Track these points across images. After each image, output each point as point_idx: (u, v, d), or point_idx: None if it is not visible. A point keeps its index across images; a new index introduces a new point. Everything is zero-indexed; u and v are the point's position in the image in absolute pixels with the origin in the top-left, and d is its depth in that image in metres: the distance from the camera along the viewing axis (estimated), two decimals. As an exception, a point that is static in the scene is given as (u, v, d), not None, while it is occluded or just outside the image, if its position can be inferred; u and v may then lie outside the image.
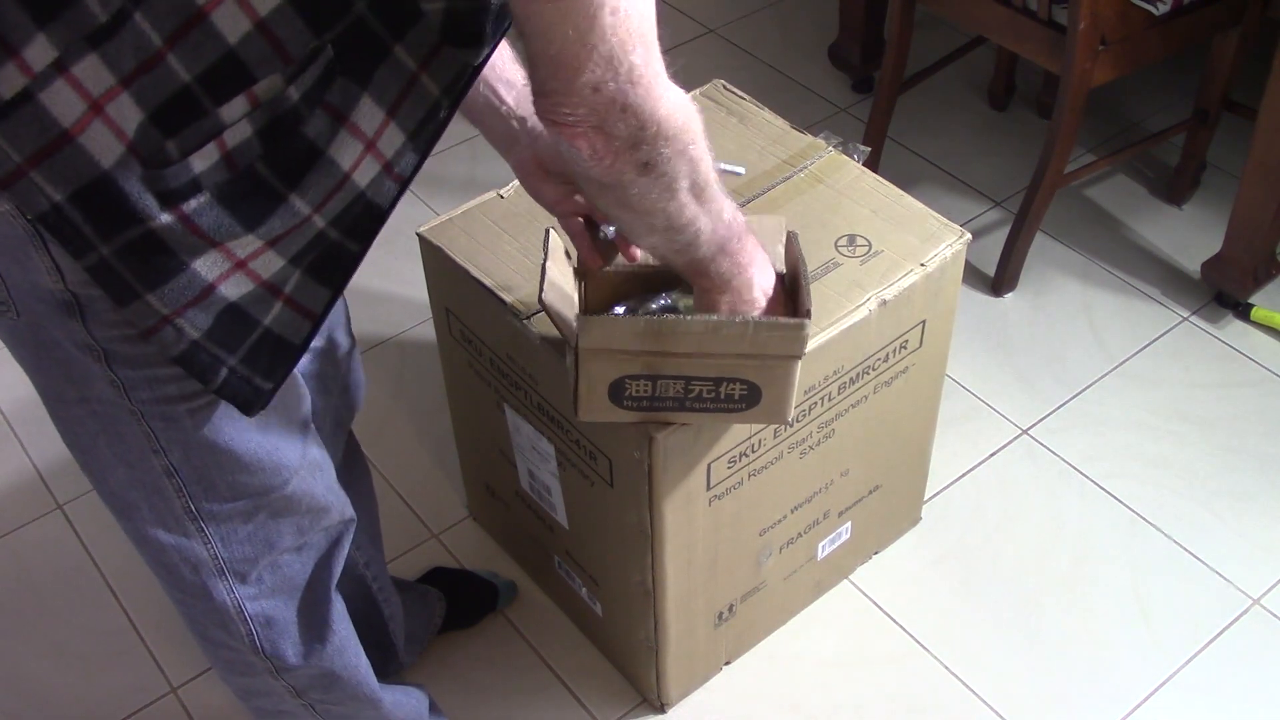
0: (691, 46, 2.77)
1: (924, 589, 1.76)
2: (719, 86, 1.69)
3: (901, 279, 1.43)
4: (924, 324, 1.51)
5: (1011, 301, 2.18)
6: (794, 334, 1.15)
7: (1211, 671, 1.66)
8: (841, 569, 1.75)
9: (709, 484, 1.38)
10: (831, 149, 1.59)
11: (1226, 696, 1.63)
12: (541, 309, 1.18)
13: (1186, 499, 1.86)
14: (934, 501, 1.86)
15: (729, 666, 1.67)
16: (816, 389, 1.42)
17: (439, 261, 1.48)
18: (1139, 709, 1.62)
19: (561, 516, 1.56)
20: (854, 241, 1.47)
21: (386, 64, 0.87)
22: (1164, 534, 1.81)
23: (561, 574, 1.66)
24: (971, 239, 1.50)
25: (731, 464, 1.39)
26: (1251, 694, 1.63)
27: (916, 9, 2.17)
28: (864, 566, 1.78)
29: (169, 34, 0.79)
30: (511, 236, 1.47)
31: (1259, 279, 2.09)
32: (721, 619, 1.58)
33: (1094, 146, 2.43)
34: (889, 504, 1.72)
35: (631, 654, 1.60)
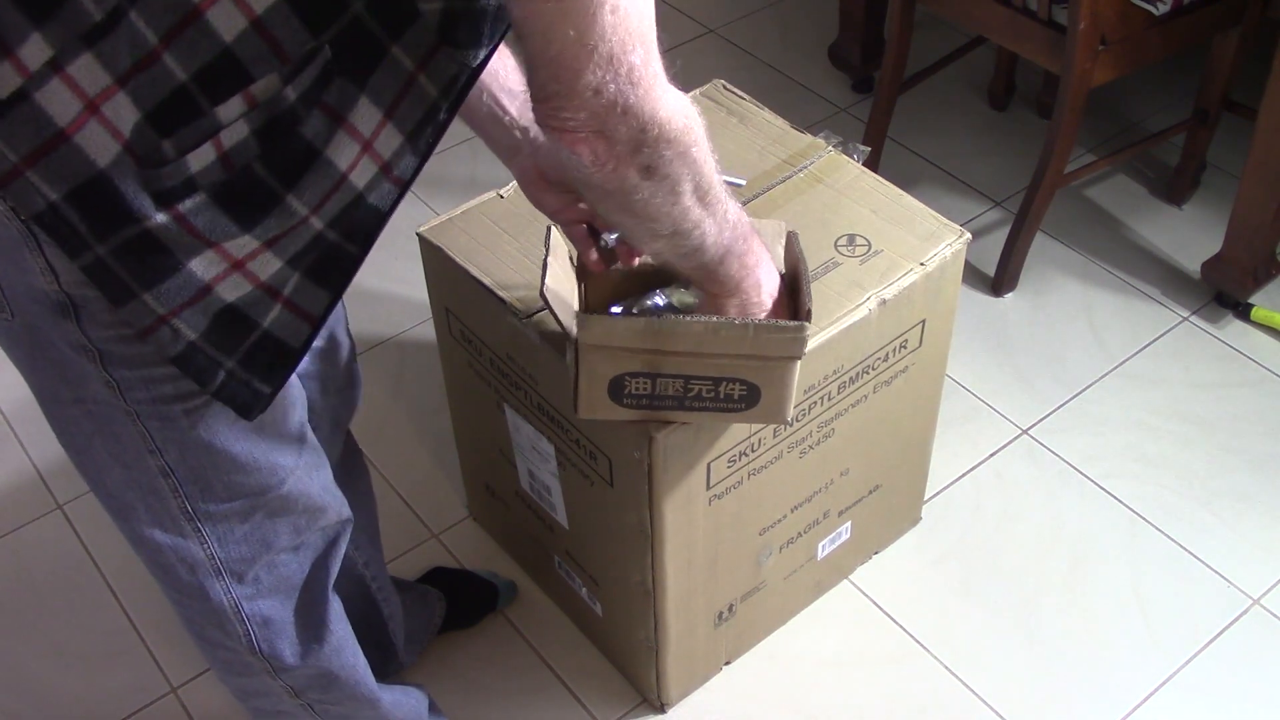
0: (691, 46, 2.77)
1: (924, 589, 1.76)
2: (719, 86, 1.69)
3: (901, 279, 1.43)
4: (924, 324, 1.51)
5: (1011, 301, 2.17)
6: (794, 336, 1.14)
7: (1211, 671, 1.65)
8: (841, 569, 1.75)
9: (709, 483, 1.38)
10: (831, 149, 1.59)
11: (1226, 696, 1.63)
12: (543, 303, 1.18)
13: (1186, 499, 1.85)
14: (934, 501, 1.86)
15: (729, 666, 1.67)
16: (816, 388, 1.41)
17: (439, 261, 1.48)
18: (1139, 709, 1.62)
19: (561, 516, 1.56)
20: (854, 241, 1.47)
21: (384, 64, 0.87)
22: (1164, 534, 1.81)
23: (561, 574, 1.66)
24: (971, 239, 1.50)
25: (731, 463, 1.38)
26: (1251, 694, 1.63)
27: (916, 9, 2.16)
28: (864, 566, 1.78)
29: (164, 32, 0.79)
30: (511, 236, 1.47)
31: (1259, 279, 2.09)
32: (721, 619, 1.58)
33: (1094, 146, 2.43)
34: (889, 504, 1.72)
35: (631, 654, 1.60)
